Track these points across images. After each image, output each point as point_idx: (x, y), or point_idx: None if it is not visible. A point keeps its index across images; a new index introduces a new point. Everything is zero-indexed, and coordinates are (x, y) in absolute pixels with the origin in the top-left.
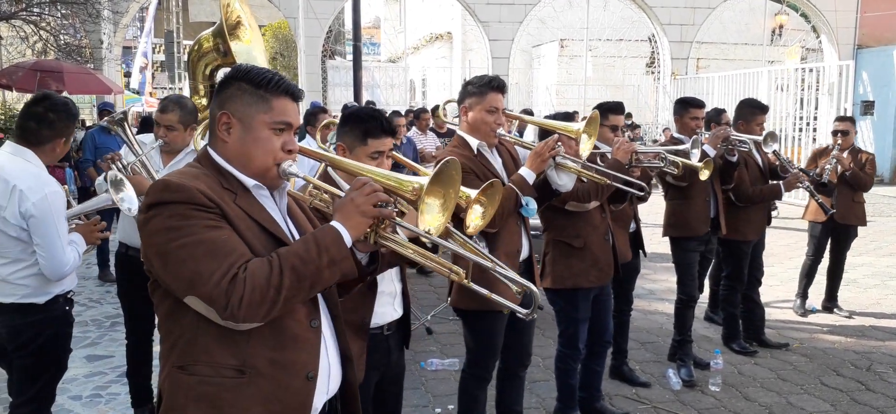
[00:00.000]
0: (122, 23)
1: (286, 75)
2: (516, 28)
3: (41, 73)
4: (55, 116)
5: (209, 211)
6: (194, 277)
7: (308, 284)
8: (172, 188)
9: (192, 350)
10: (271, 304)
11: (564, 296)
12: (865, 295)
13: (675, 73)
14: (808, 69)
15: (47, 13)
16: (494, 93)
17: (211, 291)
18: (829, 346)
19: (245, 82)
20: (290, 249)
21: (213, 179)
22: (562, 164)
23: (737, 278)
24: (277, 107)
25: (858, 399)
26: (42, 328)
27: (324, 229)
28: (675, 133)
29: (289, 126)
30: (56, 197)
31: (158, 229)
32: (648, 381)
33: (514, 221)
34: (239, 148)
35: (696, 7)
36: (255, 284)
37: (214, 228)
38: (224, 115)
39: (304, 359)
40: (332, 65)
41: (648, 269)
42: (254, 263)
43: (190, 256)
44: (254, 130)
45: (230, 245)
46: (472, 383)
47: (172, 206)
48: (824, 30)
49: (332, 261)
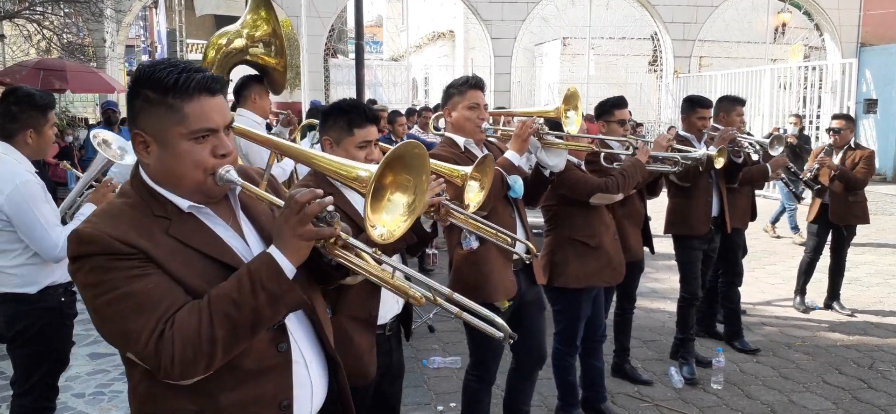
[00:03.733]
0: (126, 21)
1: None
2: (519, 26)
3: (44, 72)
4: (18, 109)
5: (130, 258)
6: (124, 335)
7: (248, 328)
8: (85, 240)
9: (150, 395)
10: (209, 358)
11: (569, 295)
12: (868, 293)
13: (678, 72)
14: (811, 67)
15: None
16: (474, 90)
17: (141, 352)
18: (831, 344)
19: (150, 90)
20: (222, 292)
21: (140, 209)
22: (549, 142)
23: (734, 272)
24: (192, 113)
25: (861, 397)
26: (36, 318)
27: (259, 261)
28: (682, 131)
29: (212, 131)
30: (27, 186)
31: (83, 285)
32: (650, 379)
33: (507, 211)
34: (162, 168)
35: (699, 5)
36: (184, 340)
37: (138, 278)
38: (137, 134)
39: (272, 390)
40: (334, 63)
41: (651, 267)
42: (181, 315)
43: (116, 314)
44: (173, 147)
45: (156, 296)
46: (475, 385)
47: (90, 259)
48: (827, 28)
49: (272, 298)
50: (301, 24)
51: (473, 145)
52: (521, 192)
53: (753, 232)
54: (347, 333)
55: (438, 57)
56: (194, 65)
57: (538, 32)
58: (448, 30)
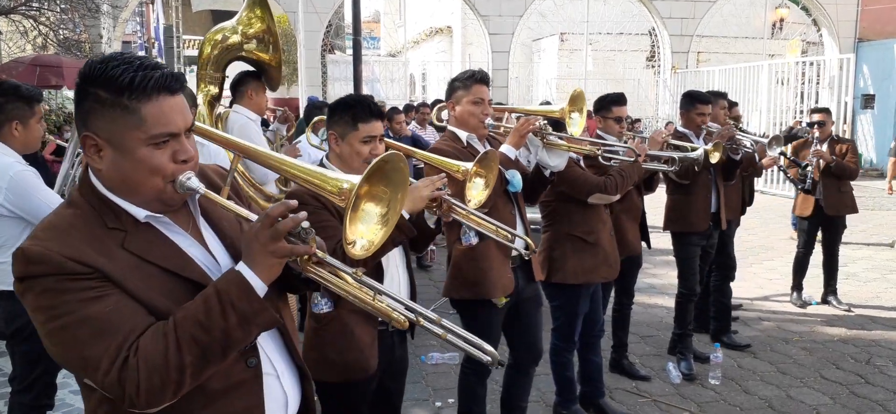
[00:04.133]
0: (122, 17)
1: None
2: (516, 22)
3: (41, 69)
4: (3, 100)
5: (85, 278)
6: (82, 362)
7: (218, 352)
8: (34, 260)
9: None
10: (177, 384)
11: (567, 291)
12: (865, 288)
13: (676, 67)
14: (809, 63)
15: (47, 8)
16: (479, 85)
17: (102, 381)
18: (828, 339)
19: (102, 89)
20: (188, 313)
21: (92, 220)
22: (551, 142)
23: (728, 266)
24: (150, 116)
25: (858, 392)
26: None
27: (228, 279)
28: (680, 127)
29: (173, 136)
30: (21, 175)
31: (34, 308)
32: (648, 374)
33: (507, 208)
34: (117, 175)
35: (697, 0)
36: (150, 368)
37: (95, 300)
38: (88, 136)
39: (243, 406)
40: (331, 59)
41: (649, 263)
42: (146, 341)
43: (72, 340)
44: (129, 153)
45: (116, 320)
46: (473, 378)
47: (39, 280)
48: (825, 23)
49: (243, 319)
50: (298, 20)
51: (476, 140)
52: (519, 186)
53: (749, 227)
54: (349, 326)
55: (436, 53)
56: (151, 61)
57: (536, 28)
58: (446, 25)
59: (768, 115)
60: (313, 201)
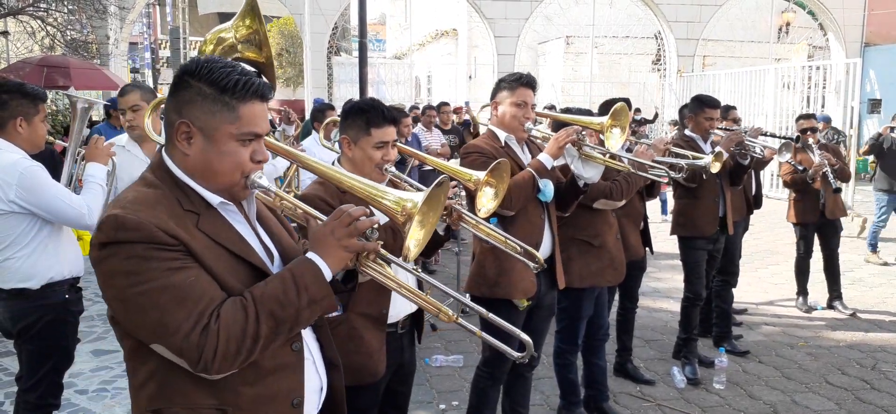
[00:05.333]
0: (129, 18)
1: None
2: (522, 25)
3: (48, 69)
4: (7, 97)
5: (172, 249)
6: (159, 328)
7: (287, 327)
8: (129, 226)
9: (165, 392)
10: (248, 353)
11: (572, 294)
12: (871, 293)
13: (682, 71)
14: (815, 67)
15: (54, 9)
16: (525, 88)
17: (180, 345)
18: (834, 344)
19: (206, 84)
20: (267, 291)
21: (171, 200)
22: (588, 154)
23: (731, 272)
24: (245, 115)
25: (863, 398)
26: (40, 314)
27: (302, 265)
28: (688, 131)
29: (257, 136)
30: (30, 171)
31: (115, 272)
32: (653, 378)
33: (537, 213)
34: (202, 161)
35: (703, 4)
36: (229, 335)
37: (179, 270)
38: (183, 123)
39: (287, 387)
40: (337, 61)
41: (654, 267)
42: (227, 311)
43: (153, 305)
44: (218, 143)
45: (198, 289)
46: (486, 381)
47: (128, 246)
48: (831, 27)
49: (312, 301)
50: (304, 22)
51: (514, 142)
52: (550, 196)
53: (754, 231)
54: (358, 330)
55: (441, 55)
56: (248, 69)
57: (541, 31)
58: (451, 28)
59: (774, 119)
60: (324, 205)
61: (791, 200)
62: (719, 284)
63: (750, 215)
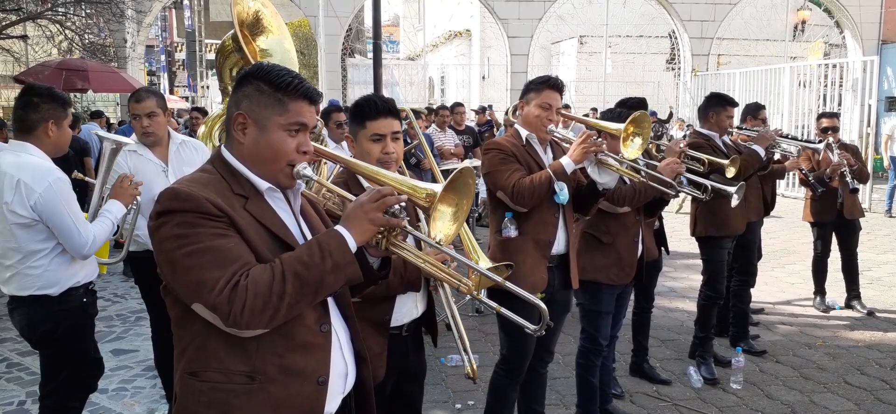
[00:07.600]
0: (146, 22)
1: (305, 76)
2: (535, 25)
3: (67, 72)
4: (39, 100)
5: (217, 219)
6: (199, 284)
7: (311, 290)
8: (181, 197)
9: (202, 356)
10: (274, 310)
11: (587, 289)
12: (889, 293)
13: (696, 70)
14: (832, 65)
15: (72, 13)
16: (551, 91)
17: (214, 299)
18: (852, 344)
19: (264, 83)
20: (294, 255)
21: (223, 185)
22: (603, 161)
23: (748, 271)
24: (293, 109)
25: (883, 398)
26: (59, 320)
27: (328, 234)
28: (702, 129)
29: (304, 127)
30: (60, 183)
31: (167, 237)
32: (669, 378)
33: (551, 211)
34: (253, 149)
35: (717, 3)
36: (257, 291)
37: (221, 237)
38: (240, 115)
39: (314, 364)
40: (351, 63)
41: (669, 266)
42: (256, 270)
43: (196, 265)
44: (268, 132)
45: (235, 253)
46: (504, 380)
47: (180, 214)
48: (848, 25)
49: (335, 266)
50: (319, 24)
51: (536, 141)
52: (566, 199)
53: (771, 231)
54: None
55: (455, 56)
56: (301, 76)
57: (555, 31)
58: (464, 29)
59: (790, 118)
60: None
61: (807, 199)
62: (738, 283)
63: (766, 215)
